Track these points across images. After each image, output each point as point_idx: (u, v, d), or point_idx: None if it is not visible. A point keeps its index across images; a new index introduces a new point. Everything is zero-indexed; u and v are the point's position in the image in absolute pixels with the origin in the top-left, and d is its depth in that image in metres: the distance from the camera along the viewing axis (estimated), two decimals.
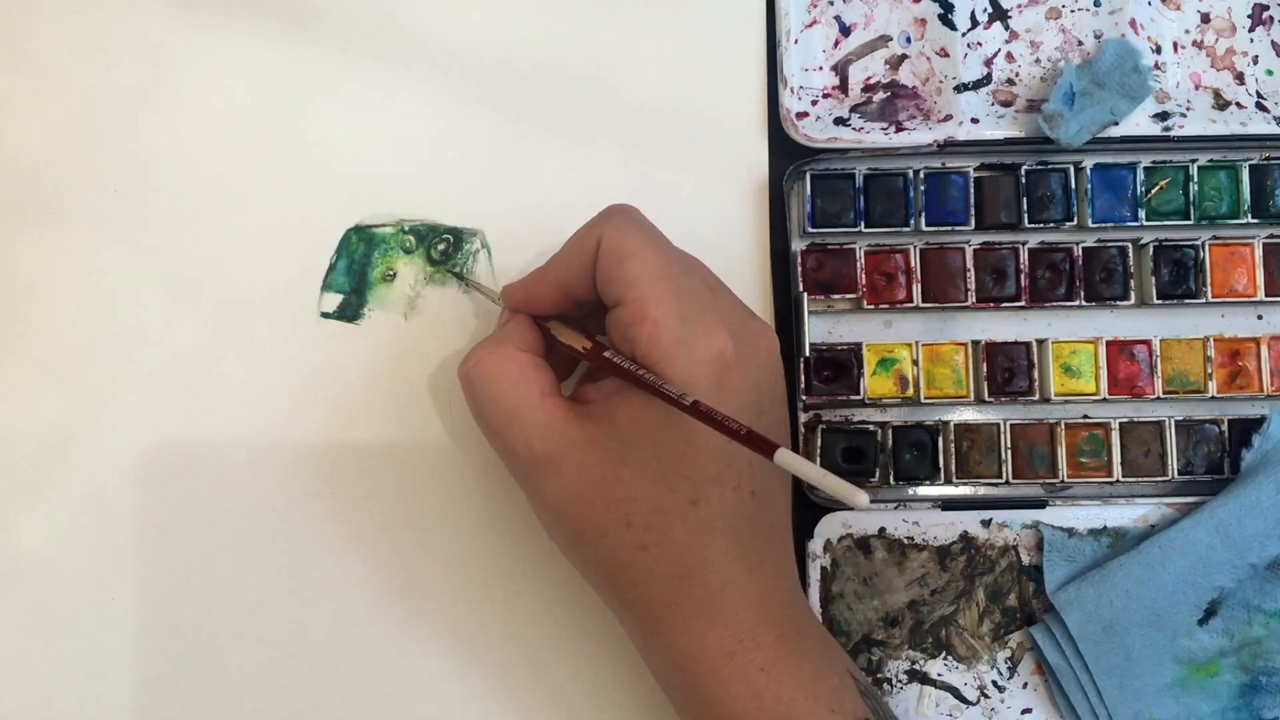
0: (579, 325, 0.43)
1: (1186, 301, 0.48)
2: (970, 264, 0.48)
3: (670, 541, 0.39)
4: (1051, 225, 0.48)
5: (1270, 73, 0.49)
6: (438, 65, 0.49)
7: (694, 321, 0.38)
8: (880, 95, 0.49)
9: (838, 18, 0.49)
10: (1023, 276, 0.48)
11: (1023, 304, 0.48)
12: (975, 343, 0.48)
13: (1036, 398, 0.47)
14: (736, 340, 0.39)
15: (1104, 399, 0.47)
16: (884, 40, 0.49)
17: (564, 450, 0.39)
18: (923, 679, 0.47)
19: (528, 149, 0.49)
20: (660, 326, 0.38)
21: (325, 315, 0.48)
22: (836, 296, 0.48)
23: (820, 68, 0.49)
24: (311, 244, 0.48)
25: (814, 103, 0.49)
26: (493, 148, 0.49)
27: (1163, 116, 0.48)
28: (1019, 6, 0.49)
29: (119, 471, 0.47)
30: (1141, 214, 0.48)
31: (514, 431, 0.40)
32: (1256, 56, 0.49)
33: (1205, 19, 0.49)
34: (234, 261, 0.48)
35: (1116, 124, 0.47)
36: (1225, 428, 0.47)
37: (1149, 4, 0.49)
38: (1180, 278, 0.48)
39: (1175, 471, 0.47)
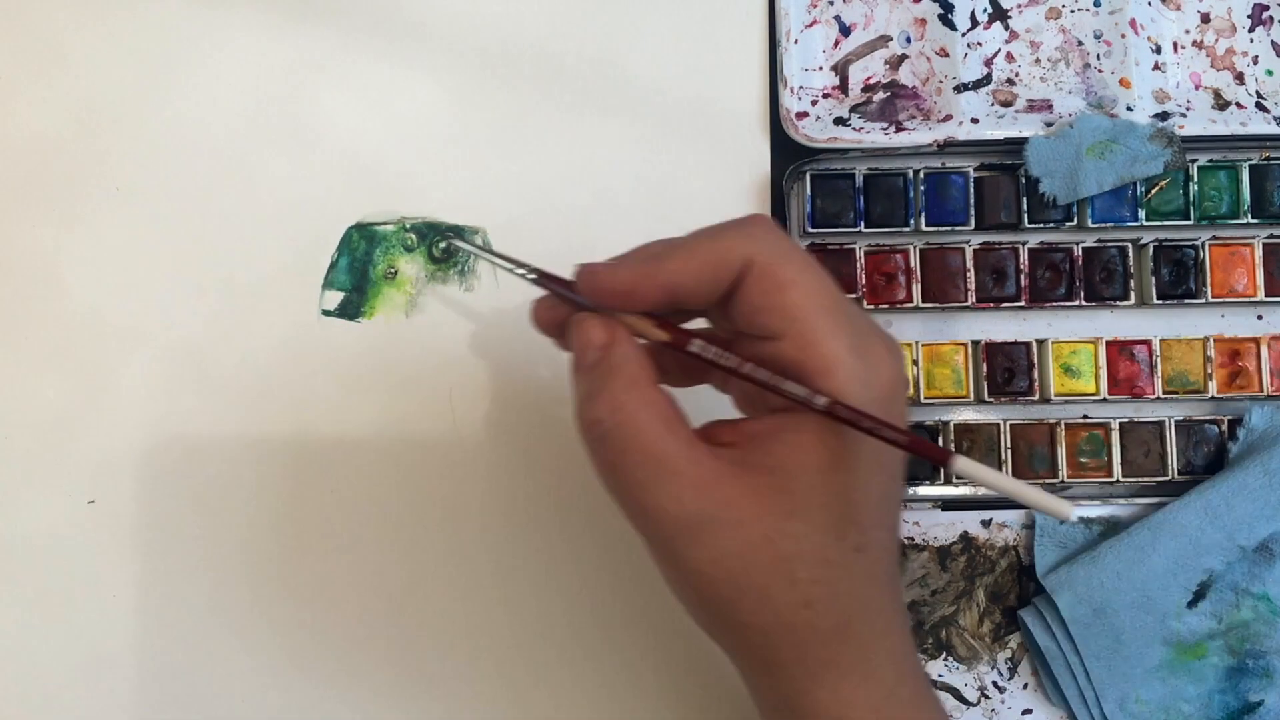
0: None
1: (1186, 301, 0.48)
2: (970, 264, 0.48)
3: (835, 594, 0.35)
4: (1051, 225, 0.48)
5: (1270, 73, 0.49)
6: (440, 65, 0.49)
7: (866, 355, 0.34)
8: (880, 95, 0.49)
9: (838, 18, 0.49)
10: (1023, 276, 0.48)
11: (1023, 304, 0.48)
12: (975, 343, 0.48)
13: (1036, 398, 0.47)
14: (896, 362, 0.36)
15: (1104, 399, 0.47)
16: (884, 40, 0.49)
17: (721, 507, 0.34)
18: None
19: (529, 148, 0.49)
20: (836, 364, 0.34)
21: (326, 313, 0.48)
22: None
23: (820, 68, 0.49)
24: (313, 241, 0.48)
25: (814, 103, 0.49)
26: (495, 147, 0.49)
27: (1163, 117, 0.48)
28: (1019, 6, 0.49)
29: (119, 467, 0.47)
30: (1141, 214, 0.48)
31: (663, 489, 0.34)
32: (1256, 56, 0.49)
33: (1205, 19, 0.49)
34: (234, 259, 0.48)
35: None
36: (1225, 428, 0.47)
37: (1149, 4, 0.49)
38: (1180, 278, 0.48)
39: (1175, 471, 0.47)
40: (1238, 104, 0.49)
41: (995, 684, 0.47)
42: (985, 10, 0.49)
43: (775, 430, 0.35)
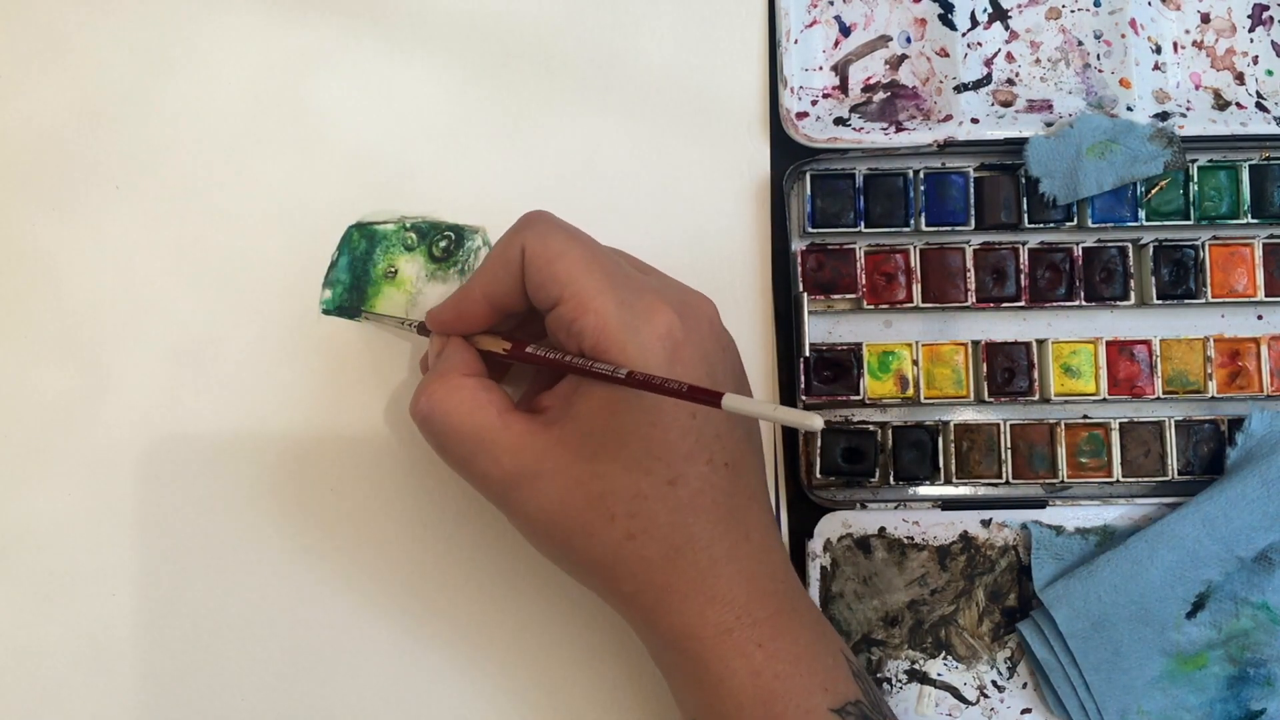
0: (495, 332, 0.43)
1: (1186, 301, 0.48)
2: (970, 264, 0.48)
3: (655, 525, 0.39)
4: (1051, 225, 0.48)
5: (1270, 73, 0.49)
6: (441, 64, 0.49)
7: (634, 305, 0.39)
8: (880, 95, 0.49)
9: (838, 18, 0.50)
10: (1023, 276, 0.48)
11: (1023, 304, 0.48)
12: (975, 343, 0.48)
13: (1036, 398, 0.47)
14: (680, 315, 0.39)
15: (1104, 399, 0.47)
16: (884, 40, 0.50)
17: (534, 461, 0.39)
18: (922, 679, 0.47)
19: (530, 148, 0.49)
20: (603, 316, 0.38)
21: (326, 311, 0.48)
22: (836, 296, 0.48)
23: (820, 68, 0.49)
24: (313, 240, 0.48)
25: (814, 103, 0.49)
26: (495, 146, 0.49)
27: (1163, 117, 0.48)
28: (1019, 6, 0.49)
29: (118, 464, 0.48)
30: (1141, 214, 0.48)
31: (482, 456, 0.40)
32: (1256, 57, 0.49)
33: (1205, 19, 0.49)
34: (235, 256, 0.48)
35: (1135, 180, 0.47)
36: (1225, 428, 0.47)
37: (1149, 4, 0.49)
38: (1180, 278, 0.48)
39: (1175, 471, 0.47)
40: (1238, 104, 0.49)
41: (994, 683, 0.47)
42: (985, 10, 0.49)
43: (575, 386, 0.40)
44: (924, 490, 0.48)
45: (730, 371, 0.41)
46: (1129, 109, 0.48)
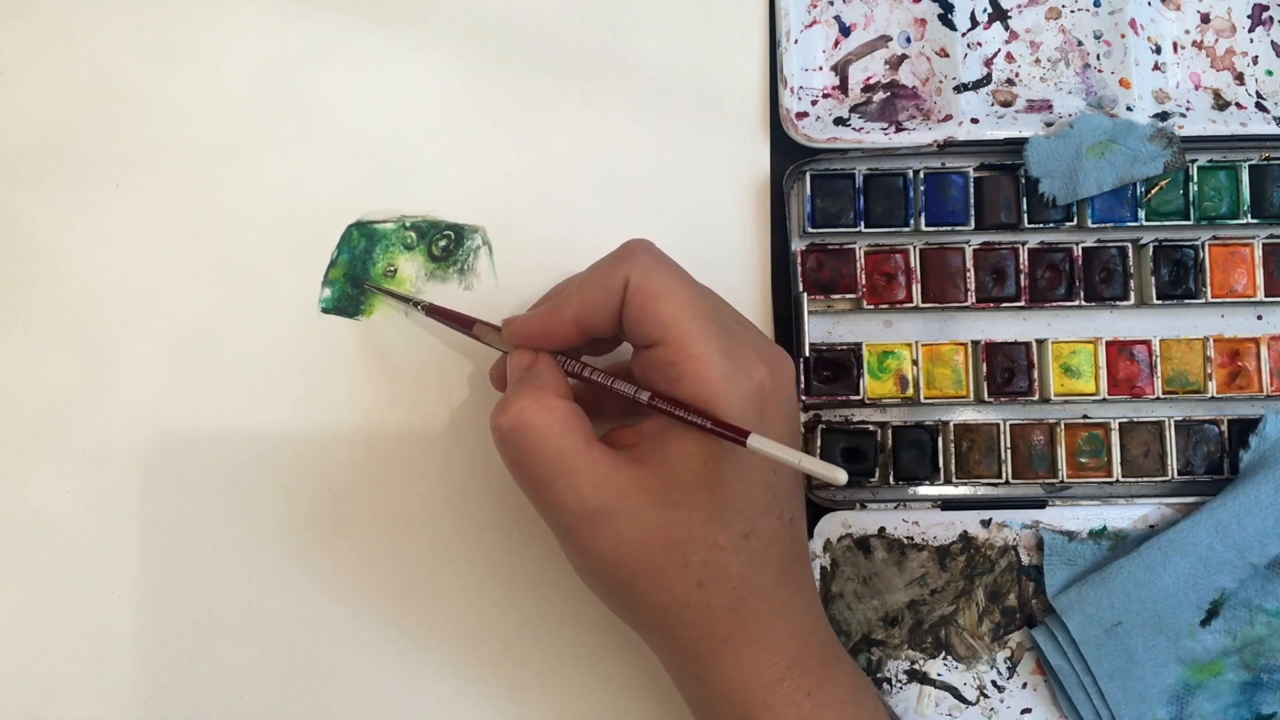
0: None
1: (1186, 301, 0.48)
2: (970, 264, 0.48)
3: (726, 576, 0.39)
4: (1051, 225, 0.48)
5: (1270, 73, 0.49)
6: (442, 63, 0.49)
7: (735, 356, 0.38)
8: (880, 95, 0.49)
9: (838, 18, 0.50)
10: (1022, 276, 0.48)
11: (1023, 304, 0.48)
12: (975, 343, 0.48)
13: (1036, 398, 0.47)
14: (771, 371, 0.39)
15: (1104, 399, 0.47)
16: (884, 40, 0.50)
17: (616, 498, 0.38)
18: (922, 679, 0.47)
19: (530, 147, 0.49)
20: (705, 364, 0.38)
21: (326, 310, 0.48)
22: (836, 296, 0.48)
23: (820, 68, 0.49)
24: (313, 238, 0.48)
25: (814, 103, 0.49)
26: (495, 146, 0.49)
27: (1163, 117, 0.48)
28: (1019, 6, 0.49)
29: (118, 462, 0.48)
30: (1141, 214, 0.48)
31: (562, 483, 0.38)
32: (1256, 57, 0.49)
33: (1205, 19, 0.49)
34: (235, 254, 0.48)
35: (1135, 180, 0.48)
36: (1225, 428, 0.47)
37: (1149, 4, 0.49)
38: (1180, 278, 0.48)
39: (1175, 471, 0.47)
40: (1238, 104, 0.49)
41: (994, 683, 0.47)
42: (985, 10, 0.49)
43: (664, 428, 0.39)
44: (924, 490, 0.48)
45: (796, 426, 0.42)
46: (1129, 109, 0.48)
